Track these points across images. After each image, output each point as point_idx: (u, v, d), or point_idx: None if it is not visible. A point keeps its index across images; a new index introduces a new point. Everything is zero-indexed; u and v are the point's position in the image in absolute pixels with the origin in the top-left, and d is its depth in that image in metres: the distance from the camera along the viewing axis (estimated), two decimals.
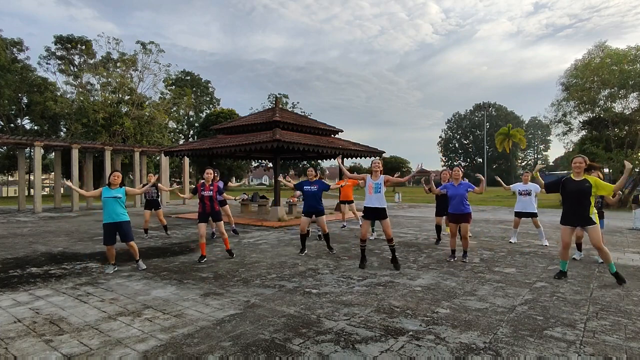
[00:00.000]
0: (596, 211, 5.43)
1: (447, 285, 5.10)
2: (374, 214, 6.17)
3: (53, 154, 24.79)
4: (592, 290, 4.85)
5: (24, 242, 8.89)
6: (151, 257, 7.06)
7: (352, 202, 10.89)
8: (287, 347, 3.20)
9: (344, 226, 11.30)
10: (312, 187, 7.37)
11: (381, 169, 6.29)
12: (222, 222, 6.95)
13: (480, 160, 73.86)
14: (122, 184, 6.08)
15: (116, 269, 5.99)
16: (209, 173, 6.79)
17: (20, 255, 7.30)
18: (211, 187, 6.79)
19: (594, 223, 5.09)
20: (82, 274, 5.84)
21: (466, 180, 6.76)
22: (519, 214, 8.19)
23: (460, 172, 6.69)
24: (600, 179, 5.31)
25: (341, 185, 10.68)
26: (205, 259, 6.70)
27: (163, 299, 4.53)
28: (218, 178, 10.49)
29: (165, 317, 3.92)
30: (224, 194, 7.76)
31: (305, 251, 7.35)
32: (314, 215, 7.38)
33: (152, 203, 9.70)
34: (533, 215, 8.06)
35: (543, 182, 5.72)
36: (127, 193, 6.07)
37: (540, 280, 5.28)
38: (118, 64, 37.73)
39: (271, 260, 6.77)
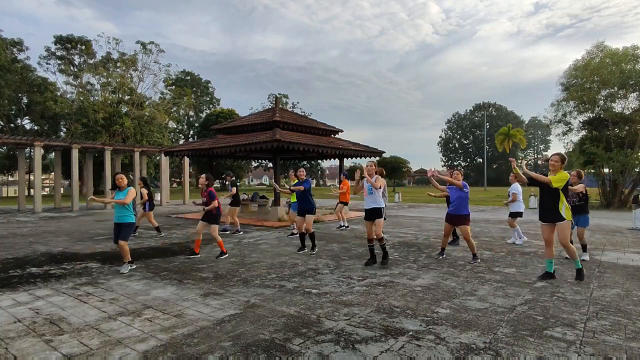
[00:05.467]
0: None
1: (447, 285, 5.10)
2: (371, 214, 6.33)
3: (53, 154, 24.81)
4: (592, 290, 4.85)
5: (24, 242, 8.89)
6: (151, 257, 7.06)
7: (348, 203, 11.50)
8: (287, 347, 3.20)
9: (342, 226, 11.30)
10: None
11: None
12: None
13: (480, 160, 73.81)
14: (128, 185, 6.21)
15: (134, 266, 6.16)
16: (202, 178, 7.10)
17: (20, 255, 7.30)
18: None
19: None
20: (82, 274, 5.84)
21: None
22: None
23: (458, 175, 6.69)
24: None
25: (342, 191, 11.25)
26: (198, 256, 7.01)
27: (163, 299, 4.53)
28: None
29: (165, 317, 3.92)
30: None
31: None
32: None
33: None
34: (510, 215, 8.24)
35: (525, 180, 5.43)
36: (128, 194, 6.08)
37: (540, 280, 5.28)
38: (118, 64, 37.79)
39: (271, 260, 6.77)
